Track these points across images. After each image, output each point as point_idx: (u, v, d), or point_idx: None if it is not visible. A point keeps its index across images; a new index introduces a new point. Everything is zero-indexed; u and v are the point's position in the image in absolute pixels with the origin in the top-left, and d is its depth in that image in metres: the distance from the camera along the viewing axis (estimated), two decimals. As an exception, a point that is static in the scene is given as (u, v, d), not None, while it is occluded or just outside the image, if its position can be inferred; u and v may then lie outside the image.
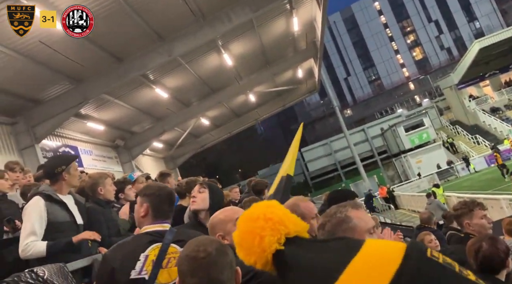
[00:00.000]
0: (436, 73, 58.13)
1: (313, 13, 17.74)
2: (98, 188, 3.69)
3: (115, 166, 18.64)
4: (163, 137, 22.19)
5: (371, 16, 64.67)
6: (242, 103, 24.57)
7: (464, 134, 37.57)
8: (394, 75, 64.85)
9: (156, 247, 2.01)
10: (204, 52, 16.00)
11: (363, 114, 62.93)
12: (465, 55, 38.13)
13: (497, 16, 59.08)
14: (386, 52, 64.78)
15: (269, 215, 0.89)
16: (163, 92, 17.06)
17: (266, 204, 0.94)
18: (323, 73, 27.92)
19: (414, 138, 37.12)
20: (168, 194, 2.22)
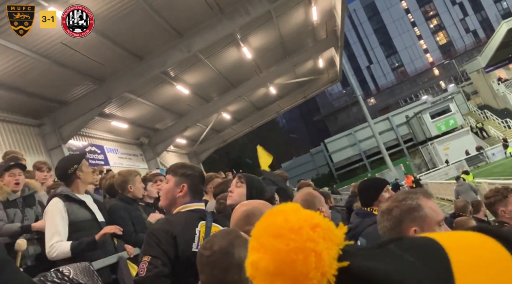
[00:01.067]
0: (461, 57, 56.45)
1: (333, 2, 17.41)
2: (128, 186, 3.72)
3: (141, 163, 18.90)
4: (186, 133, 22.34)
5: (392, 2, 63.20)
6: (262, 96, 24.45)
7: (493, 118, 36.39)
8: (417, 61, 63.33)
9: (203, 225, 2.08)
10: (223, 46, 15.96)
11: (387, 102, 61.83)
12: (492, 37, 36.78)
13: (525, -5, 56.75)
14: (409, 38, 63.27)
15: (314, 220, 0.60)
16: (184, 88, 17.14)
17: (290, 207, 0.65)
18: (344, 62, 27.47)
19: (440, 125, 36.24)
20: (203, 174, 2.32)
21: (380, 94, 64.90)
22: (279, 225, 0.61)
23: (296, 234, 0.59)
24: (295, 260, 0.57)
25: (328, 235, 0.59)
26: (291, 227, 0.60)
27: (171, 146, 21.71)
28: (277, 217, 0.63)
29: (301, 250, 0.58)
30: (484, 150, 30.99)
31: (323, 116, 66.59)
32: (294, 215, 0.62)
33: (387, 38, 64.28)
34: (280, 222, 0.61)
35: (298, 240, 0.59)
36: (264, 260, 0.58)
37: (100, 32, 11.00)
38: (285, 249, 0.58)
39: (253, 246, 0.61)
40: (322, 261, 0.57)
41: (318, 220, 0.60)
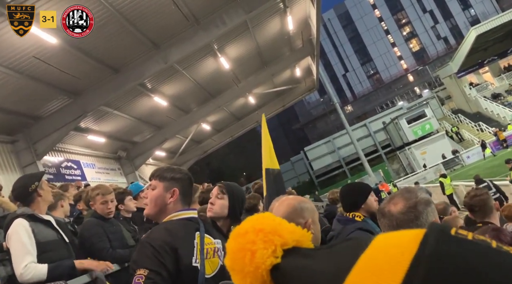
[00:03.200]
0: (434, 63, 57.92)
1: (307, 11, 17.64)
2: (101, 200, 3.60)
3: (119, 178, 18.56)
4: (165, 145, 22.11)
5: (365, 10, 64.57)
6: (242, 106, 24.47)
7: (467, 122, 37.34)
8: (392, 68, 64.68)
9: (198, 236, 1.91)
10: (200, 57, 15.93)
11: (364, 109, 62.76)
12: (462, 43, 37.92)
13: (492, 2, 58.87)
14: (383, 45, 64.64)
15: (259, 226, 0.75)
16: (162, 100, 16.99)
17: (256, 216, 0.79)
18: (321, 71, 27.80)
19: (417, 130, 36.92)
20: (191, 178, 2.11)
21: (356, 101, 65.88)
22: (236, 231, 0.77)
23: (242, 237, 0.75)
24: (239, 257, 0.73)
25: (268, 238, 0.73)
26: (240, 232, 0.77)
27: (150, 159, 21.43)
28: (240, 225, 0.79)
29: (242, 250, 0.73)
30: (460, 154, 31.71)
31: (302, 125, 67.08)
32: (247, 222, 0.78)
33: (362, 46, 65.50)
34: (238, 229, 0.78)
35: (242, 242, 0.75)
36: (227, 257, 0.76)
37: (74, 45, 10.82)
38: (233, 249, 0.75)
39: (226, 246, 0.78)
40: (255, 258, 0.72)
41: (263, 226, 0.75)
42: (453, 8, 60.91)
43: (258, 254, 0.71)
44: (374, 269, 0.55)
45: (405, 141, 37.62)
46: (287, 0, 15.33)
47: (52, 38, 9.53)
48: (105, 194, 3.63)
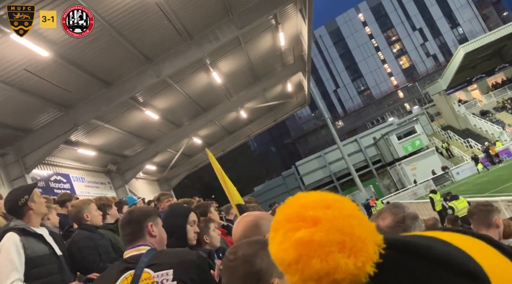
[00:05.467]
0: (424, 80, 58.77)
1: (299, 27, 17.88)
2: (84, 215, 3.53)
3: (109, 192, 18.37)
4: (156, 159, 22.00)
5: (356, 27, 65.60)
6: (233, 120, 24.53)
7: (456, 138, 37.76)
8: (382, 85, 65.47)
9: (129, 275, 1.91)
10: (192, 72, 16.00)
11: (354, 125, 63.22)
12: (451, 61, 38.60)
13: (479, 21, 60.22)
14: (373, 62, 65.53)
15: (348, 229, 0.59)
16: (154, 114, 16.97)
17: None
18: (312, 87, 28.05)
19: (407, 146, 37.19)
20: (135, 214, 2.12)
21: (347, 116, 66.40)
22: (325, 197, 0.61)
23: (345, 202, 0.60)
24: (353, 225, 0.57)
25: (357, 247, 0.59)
26: (338, 198, 0.61)
27: (140, 173, 21.28)
28: (314, 195, 0.63)
29: (355, 217, 0.58)
30: (449, 170, 31.97)
31: (294, 139, 67.30)
32: (324, 193, 0.63)
33: (353, 63, 66.34)
34: (323, 196, 0.62)
35: (349, 207, 0.59)
36: (319, 231, 0.56)
37: (66, 58, 10.82)
38: (341, 216, 0.57)
39: (293, 226, 0.58)
40: (373, 228, 0.58)
41: (352, 229, 0.59)
42: (441, 26, 62.17)
43: (371, 224, 0.60)
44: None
45: (396, 156, 37.85)
46: (279, 17, 15.54)
47: (43, 51, 9.53)
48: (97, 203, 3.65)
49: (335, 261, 0.54)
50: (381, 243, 0.57)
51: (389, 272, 0.56)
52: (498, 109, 37.24)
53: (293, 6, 15.48)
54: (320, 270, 0.54)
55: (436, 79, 44.07)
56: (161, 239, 2.12)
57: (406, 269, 0.56)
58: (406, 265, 0.56)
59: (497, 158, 29.09)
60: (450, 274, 0.53)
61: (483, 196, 16.34)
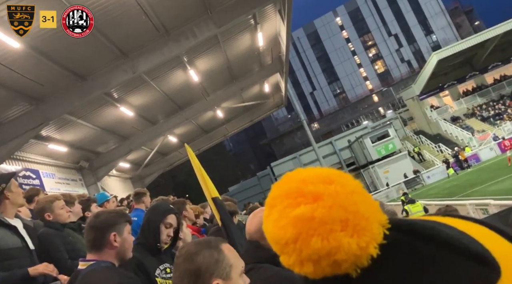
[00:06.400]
0: (398, 85, 60.04)
1: (278, 28, 17.94)
2: (45, 214, 3.41)
3: (80, 189, 17.95)
4: (130, 157, 21.64)
5: (333, 31, 66.41)
6: (210, 119, 24.40)
7: (428, 143, 38.73)
8: (358, 88, 66.52)
9: None
10: (169, 69, 15.82)
11: (330, 127, 63.97)
12: (424, 67, 39.58)
13: (452, 29, 62.00)
14: (350, 66, 66.50)
15: (352, 207, 0.55)
16: (128, 110, 16.69)
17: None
18: (289, 88, 28.21)
19: (380, 149, 37.89)
20: (99, 220, 2.08)
21: (323, 119, 67.13)
22: (326, 172, 0.56)
23: (348, 178, 0.55)
24: (357, 202, 0.52)
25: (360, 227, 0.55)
26: (340, 173, 0.56)
27: (113, 170, 20.88)
28: (313, 170, 0.58)
29: (359, 193, 0.54)
30: (421, 173, 32.73)
31: (269, 140, 67.52)
32: (323, 168, 0.58)
33: (329, 66, 67.14)
34: (324, 171, 0.56)
35: (352, 184, 0.55)
36: (320, 207, 0.51)
37: (38, 50, 10.50)
38: (344, 192, 0.53)
39: (292, 201, 0.53)
40: (378, 207, 0.54)
41: (356, 207, 0.54)
42: (416, 33, 63.68)
43: (376, 202, 0.56)
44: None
45: (369, 159, 38.49)
46: (258, 17, 15.54)
47: (15, 42, 9.21)
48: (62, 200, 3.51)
49: (337, 240, 0.51)
50: (385, 224, 0.54)
51: (393, 254, 0.53)
52: (468, 116, 38.41)
53: (272, 6, 15.52)
54: (320, 249, 0.51)
55: (409, 84, 45.10)
56: (124, 250, 2.06)
57: (412, 252, 0.53)
58: (412, 248, 0.53)
59: (466, 163, 30.00)
60: (458, 257, 0.51)
61: (452, 200, 16.81)
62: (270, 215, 0.56)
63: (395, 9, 63.64)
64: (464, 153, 30.66)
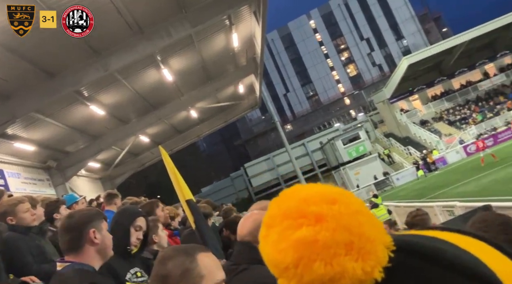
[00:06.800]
0: (369, 88, 61.22)
1: (252, 30, 17.97)
2: (8, 218, 3.27)
3: (47, 189, 17.41)
4: (100, 156, 21.16)
5: (307, 34, 67.10)
6: (183, 119, 24.17)
7: (397, 145, 39.68)
8: (330, 91, 67.45)
9: None
10: (142, 67, 15.57)
11: (302, 129, 64.56)
12: (395, 71, 40.56)
13: (421, 35, 63.76)
14: (322, 68, 67.37)
15: (357, 230, 0.53)
16: (99, 109, 16.31)
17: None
18: (263, 89, 28.30)
19: (351, 151, 38.54)
20: (74, 219, 1.97)
21: (296, 120, 67.72)
22: (329, 191, 0.53)
23: (352, 197, 0.52)
24: (362, 224, 0.50)
25: (365, 252, 0.52)
26: (343, 192, 0.53)
27: (82, 170, 20.37)
28: (315, 187, 0.54)
29: (363, 214, 0.51)
30: (390, 175, 33.49)
31: (244, 141, 67.55)
32: (325, 185, 0.55)
33: (303, 68, 67.81)
34: (326, 189, 0.53)
35: (356, 203, 0.52)
36: (324, 230, 0.48)
37: (4, 45, 10.12)
38: (349, 212, 0.50)
39: (293, 222, 0.50)
40: (382, 227, 0.52)
41: (361, 229, 0.51)
42: (387, 37, 65.16)
43: (381, 223, 0.53)
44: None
45: (340, 161, 39.09)
46: (233, 18, 15.52)
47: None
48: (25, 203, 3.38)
49: (341, 265, 0.48)
50: (390, 245, 0.51)
51: (398, 278, 0.50)
52: (436, 119, 39.58)
53: (247, 8, 15.52)
54: (323, 275, 0.48)
55: (380, 88, 46.10)
56: (105, 247, 1.96)
57: (418, 274, 0.51)
58: (417, 270, 0.51)
59: (434, 166, 30.90)
60: (464, 280, 0.50)
61: (420, 201, 17.27)
62: (268, 235, 0.53)
63: (367, 14, 64.93)
64: (432, 156, 31.59)
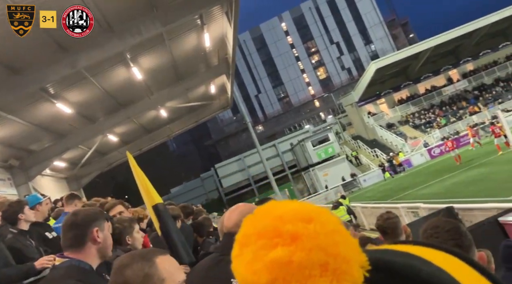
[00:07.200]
0: (338, 91, 62.33)
1: (224, 30, 17.95)
2: None
3: (8, 189, 16.77)
4: (66, 156, 20.58)
5: (278, 36, 67.63)
6: (153, 118, 23.84)
7: (364, 148, 40.57)
8: (301, 93, 68.24)
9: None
10: (111, 65, 15.27)
11: (273, 130, 64.98)
12: (363, 75, 41.49)
13: (389, 40, 65.49)
14: (293, 71, 68.08)
15: (332, 250, 0.50)
16: (66, 107, 15.87)
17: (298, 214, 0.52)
18: (235, 90, 28.30)
19: (320, 153, 39.07)
20: (80, 217, 1.99)
21: (267, 122, 68.10)
22: (304, 209, 0.51)
23: (328, 215, 0.51)
24: (338, 243, 0.48)
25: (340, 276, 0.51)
26: (318, 210, 0.51)
27: (47, 169, 19.75)
28: (290, 205, 0.53)
29: (340, 233, 0.49)
30: (357, 177, 34.19)
31: (214, 141, 67.30)
32: (300, 203, 0.54)
33: (274, 70, 68.30)
34: (301, 206, 0.52)
35: (332, 221, 0.50)
36: (299, 250, 0.46)
37: (-35, 39, 9.72)
38: (324, 232, 0.48)
39: (268, 242, 0.48)
40: (358, 246, 0.50)
41: (337, 249, 0.50)
42: (356, 42, 66.56)
43: (356, 241, 0.52)
44: None
45: (310, 162, 39.57)
46: (204, 18, 15.45)
47: None
48: None
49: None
50: (366, 265, 0.50)
51: None
52: (402, 123, 40.71)
53: (219, 8, 15.50)
54: None
55: (349, 91, 47.03)
56: (106, 246, 2.00)
57: None
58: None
59: (401, 167, 31.79)
60: None
61: (386, 203, 17.75)
62: (241, 255, 0.51)
63: (338, 18, 66.11)
64: (398, 158, 32.49)
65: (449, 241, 1.70)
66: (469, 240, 1.74)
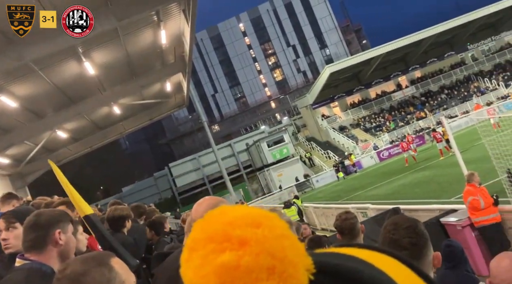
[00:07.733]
0: (294, 93, 63.39)
1: (181, 28, 17.76)
2: None
3: None
4: (10, 152, 19.54)
5: (236, 36, 67.75)
6: (105, 115, 23.14)
7: (318, 149, 41.54)
8: (257, 94, 68.74)
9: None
10: (61, 59, 14.67)
11: (230, 130, 64.99)
12: (318, 79, 42.47)
13: (343, 45, 67.43)
14: (250, 71, 68.46)
15: (279, 253, 0.52)
16: (10, 100, 15.06)
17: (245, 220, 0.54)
18: (191, 89, 28.05)
19: (275, 153, 39.57)
20: (42, 218, 1.94)
21: (223, 121, 68.00)
22: (253, 214, 0.53)
23: (276, 220, 0.53)
24: (285, 248, 0.50)
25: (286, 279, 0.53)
26: (267, 215, 0.54)
27: (-12, 166, 18.68)
28: (240, 210, 0.55)
29: (287, 237, 0.52)
30: (310, 177, 34.95)
31: (169, 140, 66.26)
32: (250, 208, 0.56)
33: (231, 70, 68.34)
34: (250, 211, 0.54)
35: (279, 226, 0.52)
36: (247, 254, 0.48)
37: None
38: (272, 236, 0.50)
39: (217, 247, 0.50)
40: (304, 250, 0.53)
41: (283, 253, 0.52)
42: (312, 46, 68.01)
43: (302, 246, 0.53)
44: None
45: (265, 163, 39.97)
46: (161, 14, 15.22)
47: None
48: None
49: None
50: (311, 268, 0.53)
51: None
52: (353, 126, 42.06)
53: (176, 5, 15.32)
54: None
55: (304, 93, 47.95)
56: (68, 249, 1.95)
57: None
58: None
59: (354, 168, 32.87)
60: None
61: (337, 203, 18.31)
62: (190, 259, 0.52)
63: (294, 21, 67.23)
64: (352, 159, 33.60)
65: (405, 238, 1.77)
66: (425, 239, 1.79)
